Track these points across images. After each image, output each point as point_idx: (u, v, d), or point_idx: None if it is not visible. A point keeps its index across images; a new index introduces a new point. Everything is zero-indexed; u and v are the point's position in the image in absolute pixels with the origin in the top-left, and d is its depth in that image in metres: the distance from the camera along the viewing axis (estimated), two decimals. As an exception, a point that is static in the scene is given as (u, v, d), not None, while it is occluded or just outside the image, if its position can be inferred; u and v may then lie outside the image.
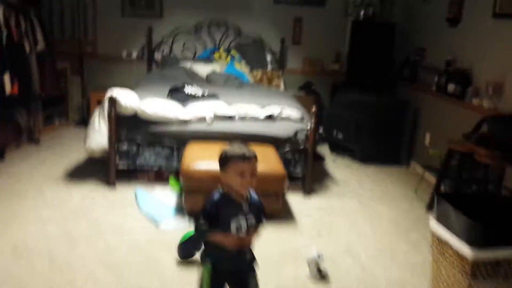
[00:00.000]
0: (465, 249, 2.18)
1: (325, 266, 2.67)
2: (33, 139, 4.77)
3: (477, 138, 3.04)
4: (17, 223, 3.04)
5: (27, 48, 4.38)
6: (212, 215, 1.82)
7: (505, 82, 3.53)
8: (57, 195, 3.54)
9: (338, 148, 5.11)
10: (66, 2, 5.64)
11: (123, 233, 3.02)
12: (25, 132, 4.71)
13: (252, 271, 1.98)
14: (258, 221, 1.90)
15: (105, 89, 4.07)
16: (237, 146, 1.90)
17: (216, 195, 1.87)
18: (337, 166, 4.76)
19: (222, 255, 1.85)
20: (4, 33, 4.02)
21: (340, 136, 5.02)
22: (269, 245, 2.95)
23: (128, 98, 3.66)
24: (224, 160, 1.87)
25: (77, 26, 5.66)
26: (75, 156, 4.42)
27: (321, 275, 2.63)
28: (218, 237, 1.82)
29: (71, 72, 5.63)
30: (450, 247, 2.32)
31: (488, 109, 3.61)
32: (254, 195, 1.93)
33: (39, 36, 4.59)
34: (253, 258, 1.97)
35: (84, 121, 5.59)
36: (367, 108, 4.89)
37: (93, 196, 3.57)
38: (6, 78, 3.99)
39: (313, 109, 3.72)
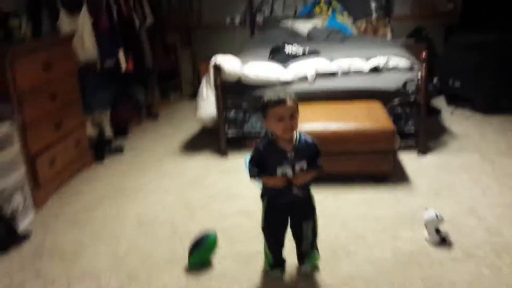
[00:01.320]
0: None
1: (446, 228, 2.49)
2: (151, 114, 5.09)
3: None
4: (141, 195, 3.29)
5: (137, 24, 4.56)
6: (259, 162, 2.05)
7: None
8: (175, 166, 3.75)
9: (456, 99, 4.67)
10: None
11: (235, 200, 3.10)
12: (144, 108, 5.04)
13: (308, 215, 2.14)
14: (311, 165, 2.03)
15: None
16: (275, 92, 2.00)
17: (263, 143, 2.06)
18: (455, 119, 4.37)
19: (275, 192, 2.07)
20: (115, 9, 4.22)
21: (457, 84, 4.57)
22: (382, 207, 2.86)
23: (231, 64, 3.70)
24: (263, 107, 1.99)
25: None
26: (190, 128, 4.63)
27: (441, 237, 2.45)
28: (266, 180, 2.06)
29: (181, 45, 5.84)
30: None
31: None
32: (304, 139, 2.03)
33: (148, 11, 4.77)
34: (308, 198, 2.12)
35: (196, 93, 5.82)
36: (488, 48, 4.36)
37: (207, 164, 3.73)
38: (121, 54, 4.21)
39: (423, 55, 3.42)
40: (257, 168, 2.05)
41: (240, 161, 3.72)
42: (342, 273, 2.26)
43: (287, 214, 2.17)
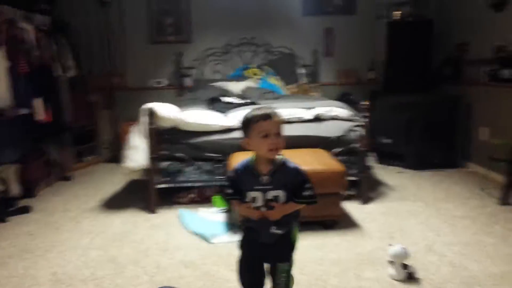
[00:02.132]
0: None
1: (410, 263, 2.31)
2: (64, 175, 4.55)
3: None
4: (55, 252, 2.76)
5: (58, 73, 4.21)
6: (233, 182, 1.77)
7: None
8: (95, 224, 3.26)
9: (386, 157, 4.75)
10: (92, 34, 5.57)
11: (172, 252, 2.71)
12: (56, 168, 4.50)
13: (282, 257, 1.79)
14: (296, 196, 1.71)
15: (137, 119, 3.88)
16: (259, 109, 1.73)
17: (242, 162, 1.78)
18: (388, 174, 4.40)
19: (249, 223, 1.77)
20: (36, 55, 3.88)
21: (388, 141, 4.68)
22: (338, 251, 2.64)
23: (167, 110, 3.44)
24: (246, 123, 1.71)
25: (105, 59, 5.56)
26: (109, 189, 4.16)
27: (408, 273, 2.25)
28: (237, 206, 1.76)
29: (101, 106, 5.47)
30: None
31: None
32: (286, 164, 1.73)
33: (71, 63, 4.45)
34: (284, 237, 1.76)
35: (114, 158, 5.40)
36: (414, 108, 4.56)
37: (133, 221, 3.29)
38: (39, 103, 3.80)
39: (365, 103, 3.43)
40: (232, 190, 1.77)
41: (172, 215, 3.34)
42: (311, 316, 1.94)
43: (263, 257, 1.82)
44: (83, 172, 4.88)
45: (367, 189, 3.54)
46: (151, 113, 3.38)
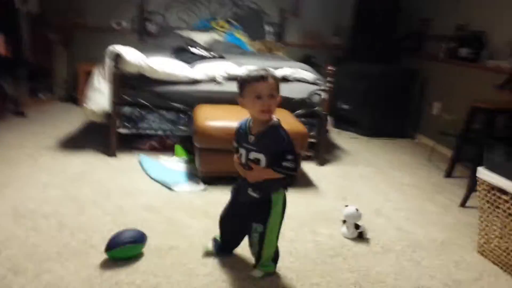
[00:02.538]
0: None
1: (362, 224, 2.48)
2: (18, 110, 4.39)
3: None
4: (14, 187, 2.72)
5: (17, 5, 3.98)
6: (235, 135, 1.90)
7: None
8: (54, 162, 3.22)
9: (342, 122, 4.92)
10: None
11: (133, 196, 2.74)
12: (10, 101, 4.32)
13: (258, 219, 1.86)
14: (269, 158, 1.75)
15: (95, 61, 3.78)
16: (255, 69, 1.80)
17: (245, 119, 1.87)
18: (343, 139, 4.58)
19: (237, 185, 1.94)
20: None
21: (346, 106, 4.84)
22: (295, 208, 2.75)
23: (133, 55, 3.36)
24: (241, 82, 1.78)
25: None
26: (66, 128, 4.08)
27: (359, 232, 2.42)
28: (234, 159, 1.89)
29: (59, 44, 5.23)
30: (507, 194, 2.15)
31: (508, 69, 3.49)
32: (274, 129, 1.78)
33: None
34: (261, 201, 1.82)
35: (70, 97, 5.24)
36: (373, 77, 4.73)
37: (92, 162, 3.27)
38: (-1, 36, 3.62)
39: (329, 68, 3.52)
40: (236, 143, 1.93)
41: (133, 160, 3.35)
42: (269, 265, 2.07)
43: (240, 214, 1.93)
44: (38, 109, 4.72)
45: (324, 152, 3.68)
46: (117, 57, 3.30)
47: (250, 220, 1.89)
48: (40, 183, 2.82)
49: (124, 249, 1.99)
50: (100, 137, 3.67)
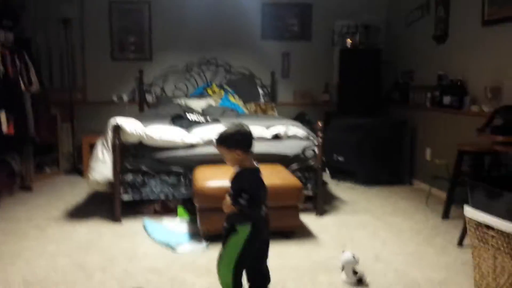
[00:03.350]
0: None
1: (360, 269, 2.56)
2: (25, 186, 4.56)
3: (492, 130, 3.06)
4: (23, 259, 2.82)
5: (23, 88, 4.26)
6: None
7: (503, 84, 3.62)
8: (61, 232, 3.34)
9: (339, 173, 5.07)
10: (54, 50, 5.62)
11: (139, 259, 2.84)
12: (18, 177, 4.50)
13: (223, 249, 2.12)
14: (233, 195, 2.08)
15: (97, 134, 4.01)
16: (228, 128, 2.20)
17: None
18: (341, 189, 4.71)
19: None
20: (1, 70, 3.91)
21: (341, 159, 5.00)
22: (295, 258, 2.86)
23: (132, 125, 3.57)
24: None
25: (66, 74, 5.60)
26: (71, 199, 4.23)
27: (358, 278, 2.50)
28: None
29: (62, 120, 5.50)
30: (493, 230, 2.25)
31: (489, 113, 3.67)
32: (238, 173, 2.13)
33: (34, 78, 4.50)
34: (228, 232, 2.09)
35: (75, 169, 5.43)
36: (364, 130, 4.92)
37: (99, 230, 3.39)
38: (3, 116, 3.84)
39: (319, 124, 3.72)
40: None
41: (137, 225, 3.46)
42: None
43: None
44: (44, 183, 4.89)
45: (322, 203, 3.80)
46: (117, 128, 3.51)
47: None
48: (48, 253, 2.93)
49: None
50: (104, 205, 3.82)
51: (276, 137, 3.84)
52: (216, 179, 3.14)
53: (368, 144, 4.89)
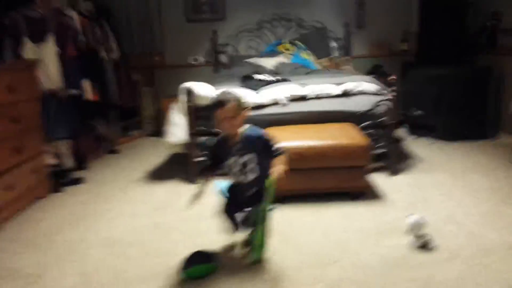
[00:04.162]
0: None
1: (428, 232, 2.48)
2: (112, 149, 4.92)
3: None
4: (106, 219, 3.09)
5: (103, 56, 4.50)
6: (212, 155, 2.39)
7: None
8: (141, 194, 3.59)
9: (418, 128, 4.84)
10: (132, 16, 5.84)
11: (208, 219, 2.97)
12: (105, 142, 4.86)
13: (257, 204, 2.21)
14: (259, 153, 2.16)
15: (176, 97, 4.14)
16: (219, 94, 2.21)
17: (218, 138, 2.31)
18: (419, 145, 4.51)
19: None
20: (82, 40, 4.15)
21: (419, 113, 4.75)
22: (362, 220, 2.84)
23: (203, 88, 3.68)
24: (210, 108, 2.24)
25: (145, 39, 5.83)
26: (153, 161, 4.50)
27: (425, 241, 2.43)
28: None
29: (143, 84, 5.79)
30: None
31: None
32: (249, 134, 2.19)
33: (114, 46, 4.74)
34: (258, 191, 2.21)
35: (158, 132, 5.73)
36: (445, 80, 4.60)
37: (175, 191, 3.59)
38: (86, 84, 4.11)
39: (393, 77, 3.55)
40: (212, 161, 2.39)
41: (210, 186, 3.60)
42: (330, 277, 2.18)
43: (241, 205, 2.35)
44: (129, 145, 5.25)
45: (395, 161, 3.68)
46: (189, 92, 3.63)
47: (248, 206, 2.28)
48: (128, 213, 3.17)
49: (199, 268, 2.21)
50: (181, 167, 4.00)
51: (346, 93, 3.73)
52: (286, 139, 3.14)
53: (449, 96, 4.58)
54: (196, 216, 3.03)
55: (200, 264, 2.23)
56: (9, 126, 3.16)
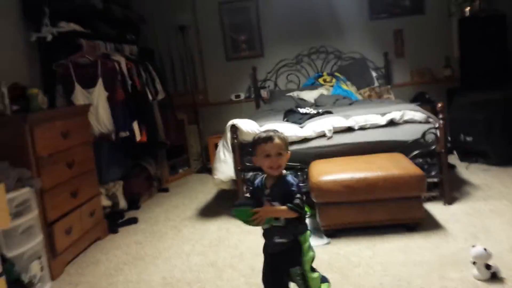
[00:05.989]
0: None
1: (494, 263, 2.38)
2: (162, 187, 5.03)
3: None
4: (162, 259, 3.14)
5: (150, 97, 4.66)
6: (252, 195, 2.11)
7: None
8: (194, 231, 3.62)
9: (468, 155, 4.71)
10: (174, 57, 6.05)
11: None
12: (155, 180, 4.97)
13: (293, 262, 2.00)
14: (282, 203, 1.92)
15: (220, 134, 4.22)
16: (265, 131, 2.05)
17: (258, 177, 2.14)
18: (472, 172, 4.37)
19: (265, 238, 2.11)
20: (129, 83, 4.33)
21: (469, 139, 4.63)
22: (421, 253, 2.76)
23: (248, 125, 3.73)
24: (252, 144, 2.05)
25: (188, 79, 6.02)
26: (202, 198, 4.57)
27: (492, 273, 2.33)
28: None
29: (188, 122, 5.93)
30: None
31: None
32: (286, 179, 1.98)
33: (159, 87, 4.90)
34: (291, 244, 1.98)
35: (204, 168, 5.82)
36: (494, 104, 4.47)
37: (227, 227, 3.61)
38: (136, 126, 4.24)
39: (440, 104, 3.49)
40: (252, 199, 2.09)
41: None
42: (397, 314, 2.11)
43: (275, 266, 2.08)
44: (178, 183, 5.35)
45: (450, 190, 3.57)
46: (234, 129, 3.69)
47: (284, 268, 2.02)
48: (184, 252, 3.20)
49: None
50: (230, 202, 4.03)
51: (392, 123, 3.70)
52: (332, 173, 3.14)
53: (499, 120, 4.44)
54: (249, 254, 3.02)
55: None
56: (65, 171, 3.28)
